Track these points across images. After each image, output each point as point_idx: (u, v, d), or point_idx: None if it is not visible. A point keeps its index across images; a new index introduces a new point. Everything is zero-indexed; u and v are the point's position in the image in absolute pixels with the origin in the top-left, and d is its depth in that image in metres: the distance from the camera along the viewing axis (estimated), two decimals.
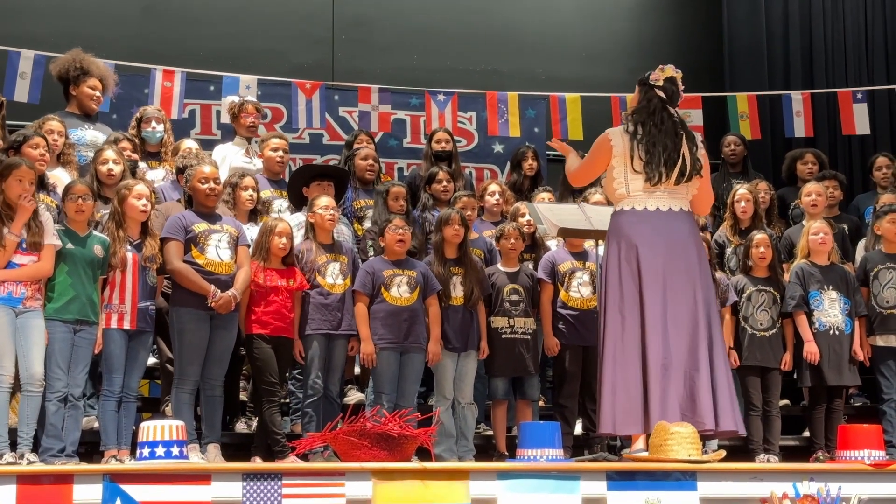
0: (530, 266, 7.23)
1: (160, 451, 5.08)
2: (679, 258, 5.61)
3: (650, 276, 5.58)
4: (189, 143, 7.72)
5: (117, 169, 6.73)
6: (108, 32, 9.83)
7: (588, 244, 7.07)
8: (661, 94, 5.75)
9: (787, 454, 7.05)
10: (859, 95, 9.96)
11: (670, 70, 5.79)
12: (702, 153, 5.77)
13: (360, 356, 6.65)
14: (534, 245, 7.54)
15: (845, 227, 8.17)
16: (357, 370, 7.38)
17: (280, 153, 7.76)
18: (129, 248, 6.10)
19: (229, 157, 7.78)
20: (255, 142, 8.09)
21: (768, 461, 6.71)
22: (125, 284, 6.08)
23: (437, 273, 6.77)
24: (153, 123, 7.75)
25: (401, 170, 10.30)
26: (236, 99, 8.23)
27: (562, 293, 6.95)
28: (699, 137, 5.90)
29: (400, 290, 6.62)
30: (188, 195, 6.49)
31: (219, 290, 6.19)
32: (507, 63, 11.03)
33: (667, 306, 5.56)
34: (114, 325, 6.03)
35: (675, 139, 5.67)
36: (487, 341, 6.83)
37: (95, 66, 7.73)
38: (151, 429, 5.16)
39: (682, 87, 5.88)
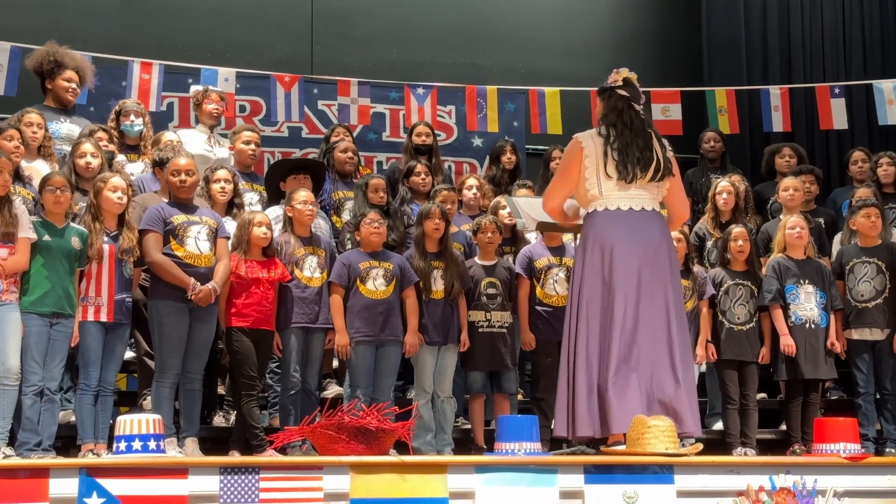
0: (510, 259, 7.23)
1: (137, 444, 5.08)
2: (653, 261, 5.70)
3: (624, 279, 5.64)
4: (170, 136, 7.68)
5: (95, 162, 6.69)
6: (86, 25, 9.80)
7: (566, 238, 7.08)
8: (623, 93, 5.82)
9: (764, 447, 7.08)
10: (837, 90, 9.99)
11: (625, 72, 5.91)
12: (670, 155, 5.84)
13: (335, 348, 6.64)
14: (514, 238, 7.55)
15: (822, 221, 8.21)
16: (335, 363, 7.38)
17: (252, 146, 7.72)
18: (106, 240, 6.07)
19: (189, 144, 7.73)
20: (219, 132, 8.05)
21: (745, 454, 6.74)
22: (101, 277, 6.05)
23: (418, 267, 6.77)
24: (132, 117, 7.72)
25: (380, 163, 10.29)
26: (200, 87, 8.22)
27: (537, 290, 6.95)
28: (665, 141, 5.94)
29: (376, 283, 6.61)
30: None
31: (198, 283, 6.17)
32: (487, 57, 11.04)
33: (640, 309, 5.62)
34: (90, 317, 5.99)
35: (645, 137, 5.76)
36: None
37: (70, 58, 7.68)
38: (128, 423, 5.16)
39: (641, 86, 5.96)
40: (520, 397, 7.34)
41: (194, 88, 8.28)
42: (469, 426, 7.02)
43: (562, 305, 6.80)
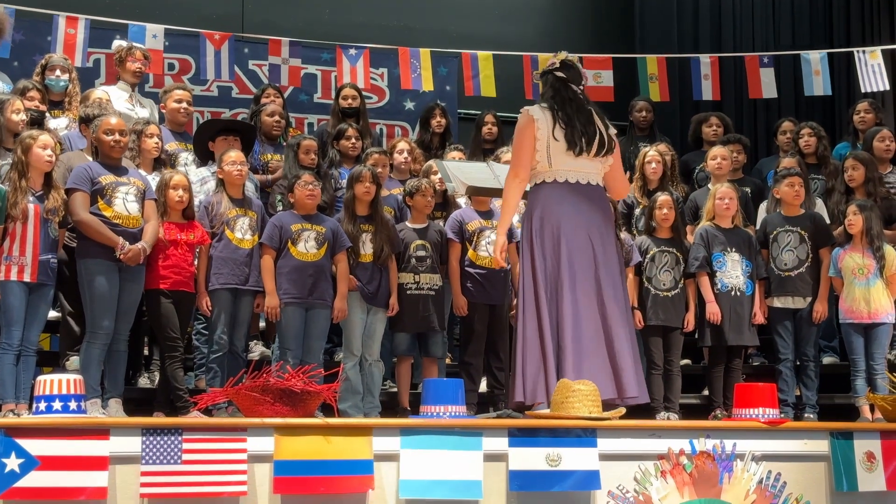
0: (441, 223, 7.24)
1: (57, 405, 4.99)
2: (602, 234, 5.74)
3: (576, 253, 5.65)
4: (100, 93, 7.55)
5: (24, 118, 6.58)
6: None
7: (495, 203, 7.10)
8: (560, 74, 5.87)
9: (688, 412, 7.18)
10: (766, 60, 10.11)
11: (563, 54, 5.96)
12: (613, 132, 5.88)
13: (264, 310, 6.61)
14: (445, 203, 7.56)
15: (748, 189, 8.30)
16: (262, 325, 7.34)
17: (184, 104, 7.63)
18: (31, 199, 5.96)
19: (111, 101, 7.62)
20: (145, 90, 7.93)
21: (668, 419, 6.84)
22: (26, 236, 5.94)
23: (347, 230, 6.75)
24: (57, 72, 7.58)
25: (311, 125, 10.23)
26: (124, 43, 8.09)
27: (470, 252, 6.98)
28: (607, 120, 5.98)
29: (307, 246, 6.58)
30: (95, 146, 6.37)
31: (127, 243, 6.09)
32: (420, 20, 11.00)
33: (595, 280, 5.66)
34: (13, 277, 5.89)
35: (586, 113, 5.81)
36: None
37: None
38: (48, 383, 5.06)
39: (582, 69, 6.02)
40: (448, 361, 7.38)
41: (117, 44, 8.14)
42: (396, 389, 7.04)
43: (496, 268, 6.82)
